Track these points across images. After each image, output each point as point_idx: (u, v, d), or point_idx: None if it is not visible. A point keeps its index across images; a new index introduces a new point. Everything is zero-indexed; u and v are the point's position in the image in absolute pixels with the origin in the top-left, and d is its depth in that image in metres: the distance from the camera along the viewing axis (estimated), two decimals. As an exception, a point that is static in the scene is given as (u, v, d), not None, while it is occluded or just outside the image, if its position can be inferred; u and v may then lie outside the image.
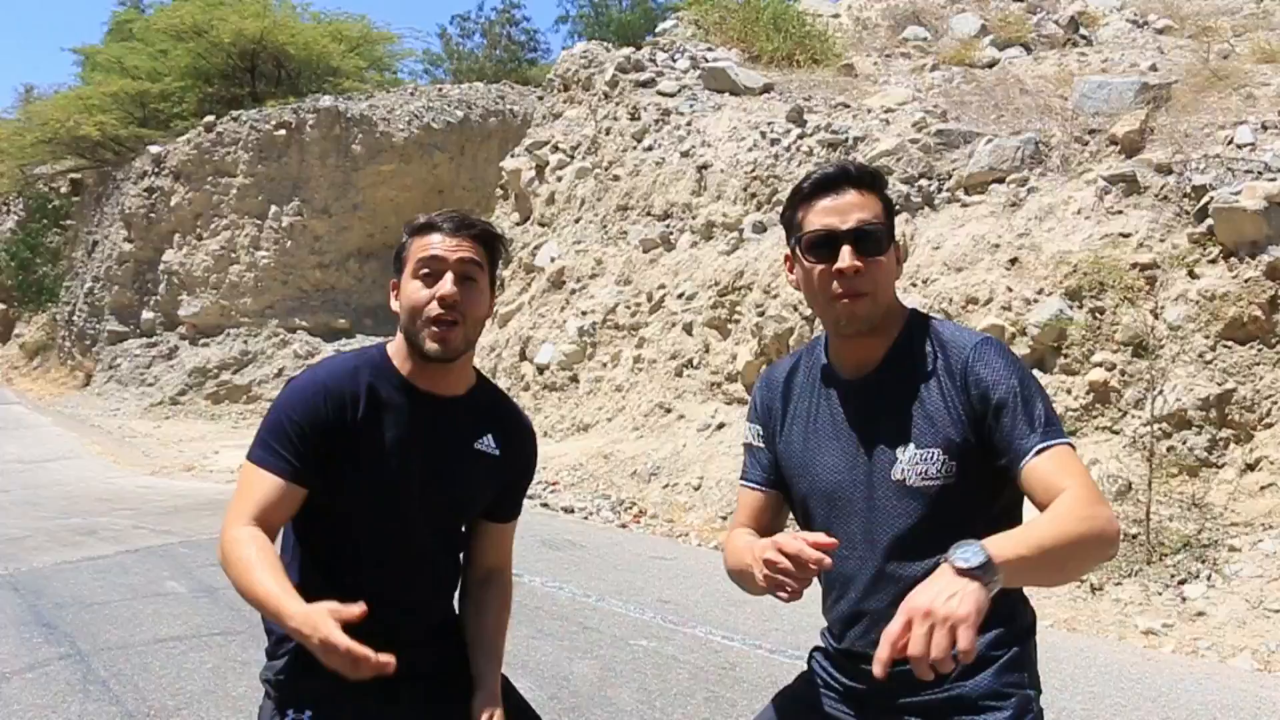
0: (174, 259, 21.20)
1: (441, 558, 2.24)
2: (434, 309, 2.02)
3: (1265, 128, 7.90)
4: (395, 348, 2.14)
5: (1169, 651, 5.54)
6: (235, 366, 20.51)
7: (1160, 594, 6.10)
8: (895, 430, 1.89)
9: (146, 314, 21.30)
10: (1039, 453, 1.76)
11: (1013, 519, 1.87)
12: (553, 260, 13.64)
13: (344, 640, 1.65)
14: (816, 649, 2.13)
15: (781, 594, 1.71)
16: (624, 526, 8.85)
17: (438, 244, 2.05)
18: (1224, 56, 10.59)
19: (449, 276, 2.03)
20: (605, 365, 11.91)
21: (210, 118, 21.96)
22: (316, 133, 21.54)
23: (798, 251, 1.95)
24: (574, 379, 12.20)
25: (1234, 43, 11.16)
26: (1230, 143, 7.83)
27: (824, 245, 1.88)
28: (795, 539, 1.71)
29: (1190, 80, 9.65)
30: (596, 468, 10.27)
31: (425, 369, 2.10)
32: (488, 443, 2.19)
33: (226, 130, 21.44)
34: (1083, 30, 12.99)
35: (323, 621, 1.68)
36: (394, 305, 2.13)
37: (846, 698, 2.02)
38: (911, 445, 1.86)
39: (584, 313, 12.39)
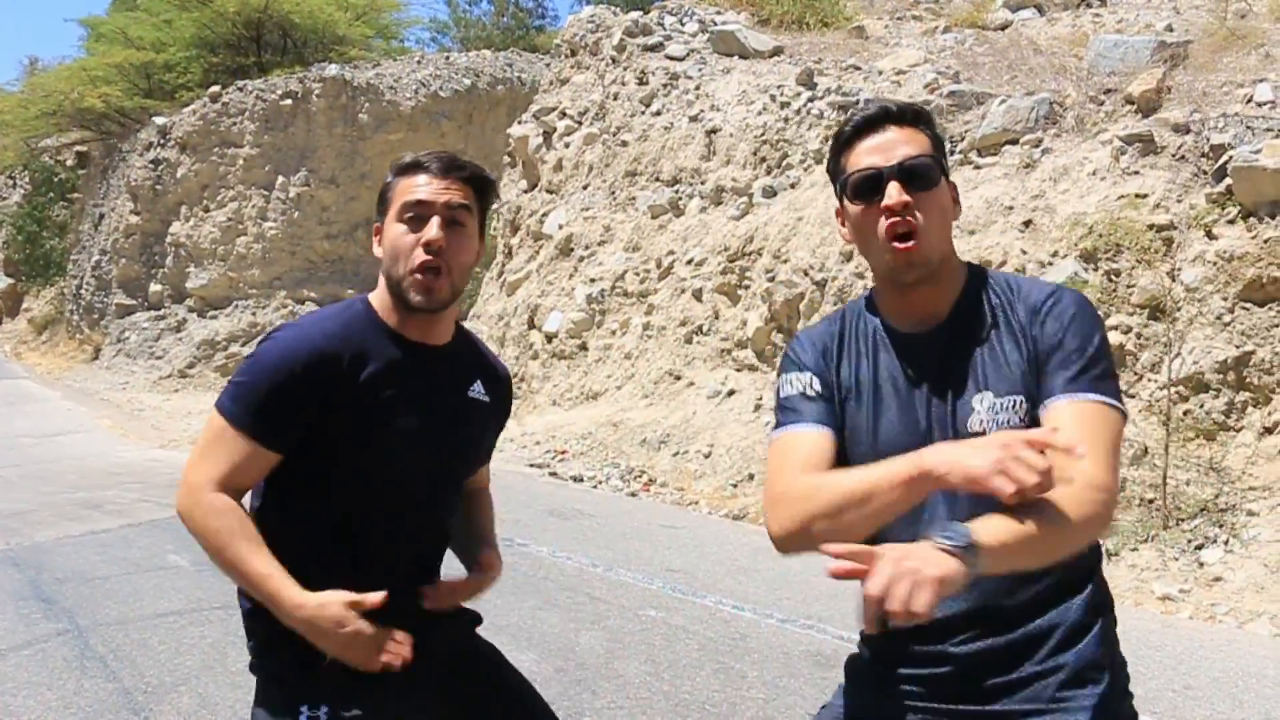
0: (181, 231, 21.16)
1: (441, 517, 2.12)
2: (419, 256, 1.91)
3: (1285, 85, 7.72)
4: (379, 298, 2.02)
5: (1186, 617, 5.45)
6: (244, 338, 20.52)
7: (1177, 559, 6.01)
8: (970, 380, 1.74)
9: (154, 287, 21.29)
10: (1068, 396, 1.65)
11: None
12: (561, 227, 13.52)
13: (373, 630, 1.59)
14: (865, 652, 1.90)
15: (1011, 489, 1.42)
16: (633, 495, 8.78)
17: (424, 186, 1.93)
18: (1241, 16, 10.37)
19: (435, 221, 1.91)
20: (614, 333, 11.81)
21: (216, 88, 21.85)
22: (323, 102, 21.42)
23: (844, 198, 1.81)
24: (583, 347, 12.11)
25: (1251, 2, 10.93)
26: (1249, 101, 7.65)
27: (870, 186, 1.74)
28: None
29: (1207, 40, 9.44)
30: (605, 436, 10.19)
31: (412, 319, 1.99)
32: (478, 389, 2.11)
33: (232, 100, 21.33)
34: (1097, -11, 12.74)
35: (345, 614, 1.61)
36: (376, 250, 2.01)
37: (920, 688, 1.78)
38: (989, 394, 1.71)
39: (592, 280, 12.28)
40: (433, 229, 1.90)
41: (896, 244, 1.72)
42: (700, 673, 4.50)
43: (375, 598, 1.63)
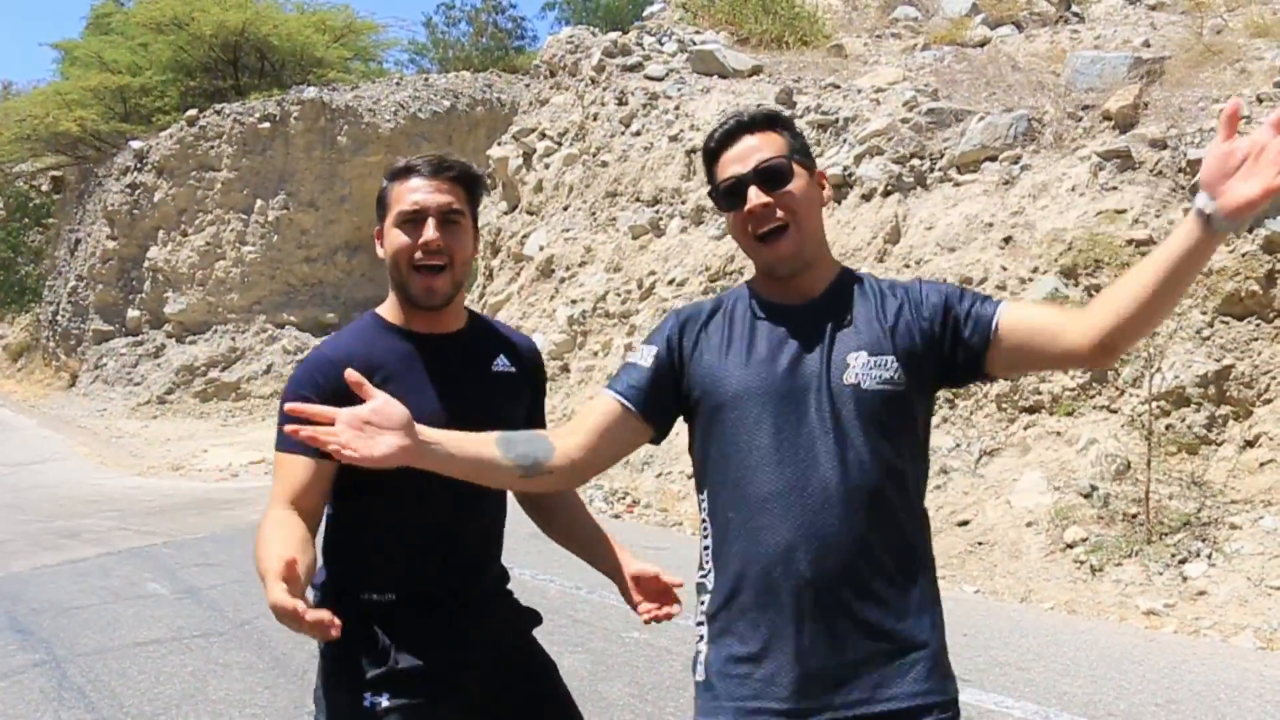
0: (159, 256, 21.01)
1: (485, 503, 2.18)
2: (419, 256, 2.07)
3: (1260, 100, 7.78)
4: (387, 306, 2.18)
5: (1170, 632, 5.44)
6: (223, 364, 20.36)
7: (1161, 574, 6.00)
8: (844, 340, 1.87)
9: (132, 312, 21.12)
10: (1002, 307, 1.85)
11: (927, 444, 1.95)
12: (541, 249, 13.49)
13: (288, 602, 1.60)
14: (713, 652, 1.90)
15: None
16: (617, 517, 8.73)
17: (418, 189, 2.08)
18: (1217, 31, 10.46)
19: (431, 223, 2.06)
20: (596, 354, 11.77)
21: (193, 111, 21.74)
22: (301, 125, 21.34)
23: (719, 206, 1.98)
24: (565, 369, 12.06)
25: (1227, 17, 11.03)
26: (1225, 116, 7.70)
27: (734, 193, 1.90)
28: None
29: (1183, 55, 9.52)
30: (588, 457, 10.12)
31: (420, 315, 2.13)
32: (502, 363, 2.23)
33: (210, 124, 21.23)
34: (1075, 7, 12.86)
35: (272, 587, 1.63)
36: (380, 253, 2.16)
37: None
38: (864, 352, 1.85)
39: (574, 301, 12.25)
40: (430, 230, 2.06)
41: (764, 244, 1.88)
42: (684, 694, 4.45)
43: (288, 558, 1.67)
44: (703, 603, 1.93)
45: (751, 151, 1.90)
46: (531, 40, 34.61)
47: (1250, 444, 6.50)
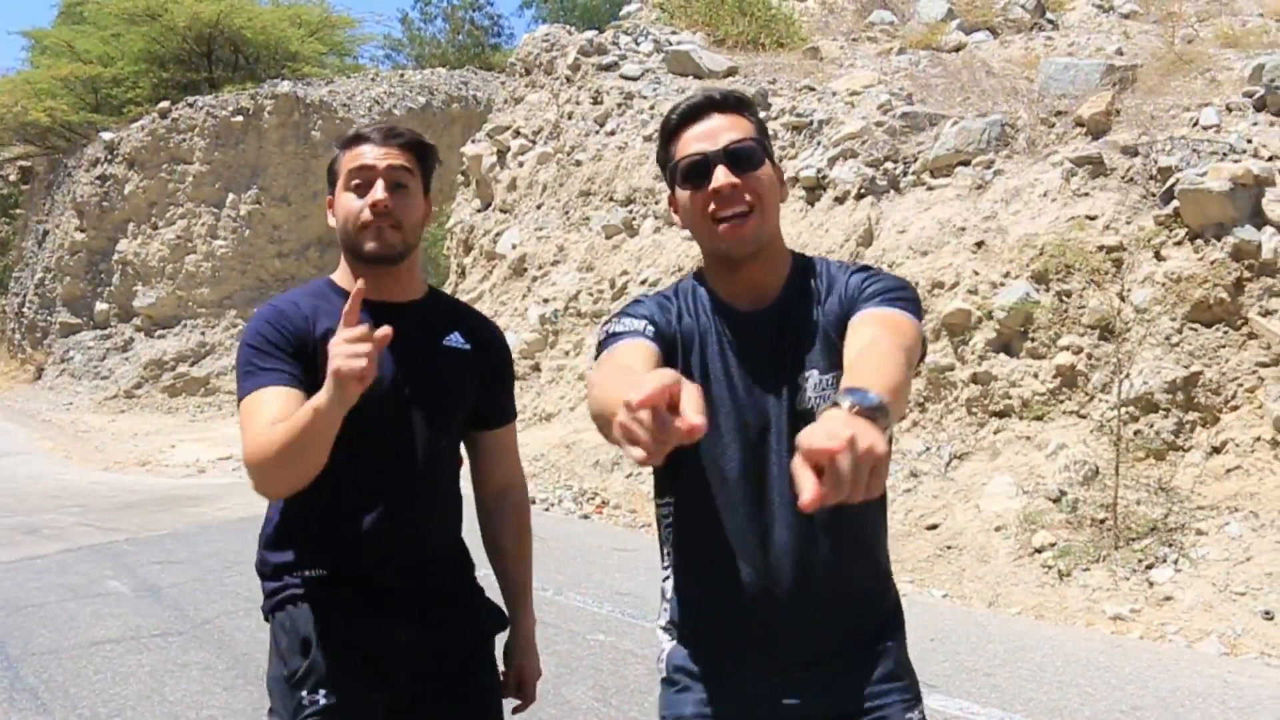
0: (128, 249, 20.77)
1: (432, 474, 2.13)
2: (367, 214, 2.03)
3: (1229, 110, 7.83)
4: (340, 272, 2.15)
5: (1137, 637, 5.45)
6: (193, 358, 20.17)
7: (1128, 579, 6.01)
8: (799, 358, 1.80)
9: (100, 305, 20.87)
10: (873, 308, 1.74)
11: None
12: (514, 247, 13.42)
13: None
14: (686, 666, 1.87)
15: (634, 450, 1.26)
16: (586, 518, 8.68)
17: (367, 153, 2.05)
18: (1188, 41, 10.55)
19: (380, 184, 2.03)
20: (568, 354, 11.72)
21: (165, 103, 21.53)
22: (275, 119, 21.17)
23: (674, 185, 1.85)
24: (536, 368, 12.00)
25: (1198, 27, 11.13)
26: (1195, 124, 7.76)
27: (698, 171, 1.79)
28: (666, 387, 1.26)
29: (1155, 63, 9.60)
30: (559, 458, 10.09)
31: (370, 275, 2.04)
32: (455, 339, 2.17)
33: (182, 116, 21.02)
34: (1049, 14, 12.92)
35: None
36: (331, 221, 2.14)
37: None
38: (815, 372, 1.78)
39: (546, 300, 12.19)
40: (378, 190, 2.02)
41: (724, 224, 1.76)
42: (648, 698, 4.41)
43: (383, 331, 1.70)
44: (666, 609, 1.92)
45: (720, 130, 1.80)
46: (508, 38, 34.58)
47: (1217, 450, 6.53)
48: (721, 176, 1.76)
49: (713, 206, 1.78)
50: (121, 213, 20.92)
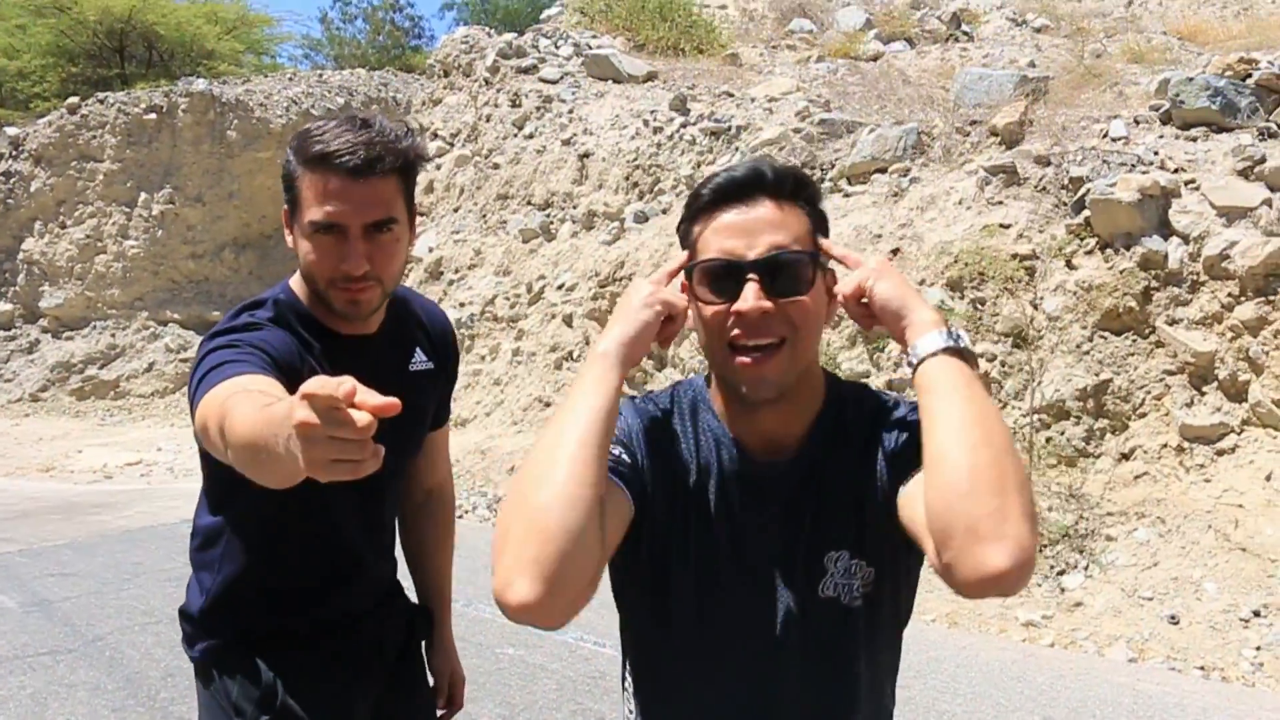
0: (34, 248, 20.04)
1: (391, 509, 2.03)
2: (339, 279, 1.68)
3: (1137, 122, 7.96)
4: (300, 286, 1.80)
5: (1048, 644, 5.46)
6: (102, 361, 19.52)
7: (1040, 585, 6.04)
8: (824, 534, 1.42)
9: (4, 305, 20.08)
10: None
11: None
12: (431, 250, 13.20)
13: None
14: None
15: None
16: (500, 526, 8.50)
17: (335, 194, 1.63)
18: (1097, 55, 10.77)
19: (357, 247, 1.65)
20: (484, 358, 11.54)
21: (74, 99, 20.81)
22: (189, 117, 20.59)
23: (692, 283, 1.42)
24: (452, 373, 11.80)
25: (1106, 43, 11.37)
26: (1105, 136, 7.87)
27: (724, 277, 1.37)
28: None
29: (1066, 76, 9.76)
30: (473, 464, 9.89)
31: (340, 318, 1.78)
32: (419, 359, 1.97)
33: (92, 112, 20.34)
34: (964, 26, 13.11)
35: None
36: (289, 240, 1.74)
37: None
38: (846, 552, 1.41)
39: (462, 304, 12.00)
40: (353, 256, 1.65)
41: (743, 358, 1.37)
42: (557, 714, 4.28)
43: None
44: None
45: (763, 226, 1.37)
46: (429, 40, 34.24)
47: (1126, 456, 6.61)
48: (751, 297, 1.34)
49: (735, 331, 1.36)
50: (27, 211, 20.19)
